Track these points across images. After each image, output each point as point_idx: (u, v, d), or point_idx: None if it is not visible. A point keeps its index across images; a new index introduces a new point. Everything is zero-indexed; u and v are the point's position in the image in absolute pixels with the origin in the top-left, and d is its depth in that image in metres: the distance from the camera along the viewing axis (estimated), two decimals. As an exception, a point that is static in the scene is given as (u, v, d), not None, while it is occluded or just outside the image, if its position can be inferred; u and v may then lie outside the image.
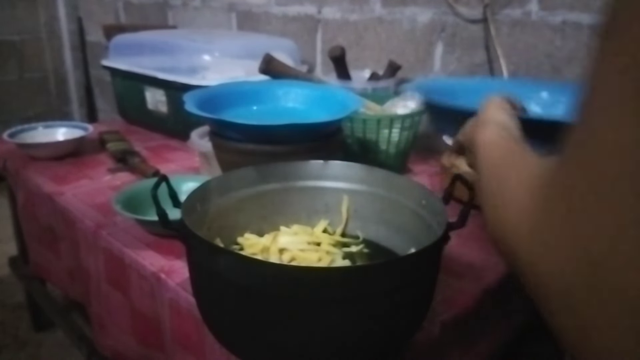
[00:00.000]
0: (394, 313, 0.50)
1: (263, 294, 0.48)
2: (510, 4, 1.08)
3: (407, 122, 0.99)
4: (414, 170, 1.11)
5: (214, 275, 0.52)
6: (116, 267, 0.78)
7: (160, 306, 0.70)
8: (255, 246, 0.68)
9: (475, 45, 1.15)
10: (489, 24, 1.10)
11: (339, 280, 0.47)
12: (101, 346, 0.89)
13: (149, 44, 1.35)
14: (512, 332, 0.83)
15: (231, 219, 0.68)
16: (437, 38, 1.21)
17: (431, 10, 1.21)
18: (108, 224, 0.82)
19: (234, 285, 0.50)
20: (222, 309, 0.54)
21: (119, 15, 2.22)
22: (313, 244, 0.69)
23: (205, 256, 0.52)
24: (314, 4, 1.45)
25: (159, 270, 0.70)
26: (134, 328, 0.78)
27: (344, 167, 0.72)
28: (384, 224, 0.71)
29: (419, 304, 0.54)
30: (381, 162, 1.00)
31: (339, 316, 0.48)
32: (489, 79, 1.13)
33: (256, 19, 1.63)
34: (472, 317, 0.67)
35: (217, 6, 1.75)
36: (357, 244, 0.71)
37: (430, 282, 0.54)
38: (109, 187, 0.97)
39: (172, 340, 0.69)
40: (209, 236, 0.61)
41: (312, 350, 0.50)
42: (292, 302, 0.48)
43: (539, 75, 1.07)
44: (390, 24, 1.29)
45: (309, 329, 0.49)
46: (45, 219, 0.98)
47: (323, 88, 0.95)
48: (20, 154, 1.13)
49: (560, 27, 1.02)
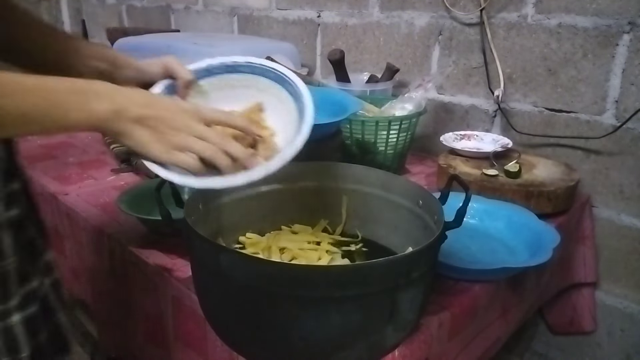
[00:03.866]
0: (392, 310, 0.52)
1: (264, 292, 0.49)
2: (506, 8, 1.09)
3: (405, 124, 1.00)
4: (411, 171, 1.12)
5: (216, 273, 0.53)
6: (120, 265, 0.79)
7: (163, 304, 0.71)
8: (257, 245, 0.69)
9: (471, 48, 1.16)
10: (485, 27, 1.12)
11: (338, 279, 0.48)
12: (104, 344, 0.91)
13: (152, 47, 1.36)
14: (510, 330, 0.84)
15: (233, 219, 0.69)
16: (434, 41, 1.23)
17: (428, 14, 1.22)
18: (112, 224, 0.84)
19: (236, 283, 0.51)
20: (224, 307, 0.55)
21: (122, 18, 2.23)
22: (313, 243, 0.70)
23: (207, 255, 0.53)
24: (314, 8, 1.46)
25: (162, 269, 0.71)
26: (137, 326, 0.79)
27: (343, 168, 0.73)
28: (383, 223, 0.72)
29: (417, 302, 0.55)
30: (379, 163, 1.01)
31: (338, 313, 0.49)
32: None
33: (257, 23, 1.64)
34: (470, 315, 0.68)
35: (219, 10, 1.77)
36: (356, 243, 0.73)
37: (428, 280, 0.56)
38: (113, 188, 0.99)
39: (174, 338, 0.71)
40: (211, 235, 0.62)
41: (312, 347, 0.51)
42: (292, 299, 0.49)
43: (534, 78, 1.09)
44: (388, 27, 1.31)
45: (309, 325, 0.50)
46: (50, 219, 1.00)
47: (322, 90, 0.96)
48: (24, 154, 1.14)
49: (556, 30, 1.04)
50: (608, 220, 1.05)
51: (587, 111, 1.03)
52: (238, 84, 0.66)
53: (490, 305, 0.73)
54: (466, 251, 0.75)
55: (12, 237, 0.53)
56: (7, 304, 0.52)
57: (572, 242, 1.00)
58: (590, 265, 1.04)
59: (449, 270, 0.68)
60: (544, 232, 0.76)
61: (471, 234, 0.80)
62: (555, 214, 0.89)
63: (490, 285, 0.71)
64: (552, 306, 1.11)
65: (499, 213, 0.83)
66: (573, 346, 1.16)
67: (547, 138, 1.09)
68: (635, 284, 1.05)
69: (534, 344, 1.22)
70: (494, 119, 1.17)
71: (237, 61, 0.66)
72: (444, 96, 1.25)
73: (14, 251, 0.54)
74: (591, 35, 0.99)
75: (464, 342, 0.69)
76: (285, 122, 0.61)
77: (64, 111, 0.47)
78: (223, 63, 0.66)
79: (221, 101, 0.65)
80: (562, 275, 1.02)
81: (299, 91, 0.61)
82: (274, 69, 0.64)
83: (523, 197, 0.87)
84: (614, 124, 0.99)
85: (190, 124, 0.52)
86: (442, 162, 1.00)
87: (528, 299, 0.86)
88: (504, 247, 0.78)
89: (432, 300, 0.61)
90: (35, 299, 0.56)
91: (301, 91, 0.61)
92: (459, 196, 0.55)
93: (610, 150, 1.02)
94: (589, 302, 1.09)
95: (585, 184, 1.05)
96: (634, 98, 0.97)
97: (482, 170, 0.95)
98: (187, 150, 0.51)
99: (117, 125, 0.49)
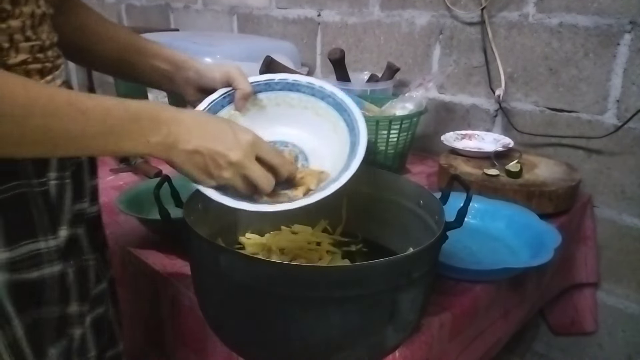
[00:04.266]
0: (392, 311, 0.51)
1: (264, 293, 0.49)
2: (507, 7, 1.09)
3: (405, 123, 1.00)
4: (412, 171, 1.12)
5: (215, 273, 0.53)
6: (119, 265, 0.79)
7: (163, 304, 0.71)
8: (257, 245, 0.69)
9: (472, 47, 1.16)
10: (486, 27, 1.11)
11: (338, 279, 0.48)
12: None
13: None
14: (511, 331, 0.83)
15: (233, 219, 0.69)
16: (435, 40, 1.22)
17: (429, 13, 1.22)
18: (111, 224, 0.83)
19: (236, 283, 0.51)
20: (223, 307, 0.55)
21: (122, 17, 2.23)
22: (313, 243, 0.70)
23: (207, 255, 0.53)
24: (314, 7, 1.46)
25: (161, 269, 0.71)
26: (136, 326, 0.79)
27: (343, 168, 0.73)
28: (383, 223, 0.72)
29: (418, 302, 0.55)
30: (380, 163, 1.01)
31: (338, 314, 0.49)
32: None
33: (257, 22, 1.64)
34: (471, 316, 0.68)
35: (219, 9, 1.76)
36: (357, 244, 0.72)
37: (429, 280, 0.55)
38: (112, 187, 0.99)
39: (174, 338, 0.70)
40: (211, 235, 0.62)
41: (312, 347, 0.51)
42: (292, 300, 0.49)
43: (536, 77, 1.08)
44: (388, 26, 1.30)
45: (309, 326, 0.50)
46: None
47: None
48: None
49: (557, 29, 1.03)
50: (609, 220, 1.04)
51: (588, 111, 1.03)
52: (297, 104, 0.65)
53: (491, 305, 0.72)
54: (467, 251, 0.75)
55: (90, 235, 0.54)
56: (82, 305, 0.52)
57: (573, 242, 1.00)
58: (591, 266, 1.04)
59: (450, 270, 0.67)
60: (545, 232, 0.76)
61: (472, 234, 0.79)
62: (556, 214, 0.89)
63: (491, 286, 0.71)
64: (553, 306, 1.11)
65: (500, 213, 0.82)
66: (574, 347, 1.16)
67: (548, 138, 1.09)
68: (637, 284, 1.04)
69: (535, 345, 1.22)
70: (495, 118, 1.17)
71: (299, 80, 0.65)
72: (445, 95, 1.24)
73: (93, 248, 0.55)
74: (592, 34, 0.99)
75: (464, 342, 0.69)
76: (334, 153, 0.61)
77: (118, 138, 0.45)
78: (284, 80, 0.65)
79: (277, 118, 0.64)
80: (563, 276, 1.01)
81: (356, 124, 0.60)
82: (334, 94, 0.63)
83: (524, 197, 0.87)
84: (616, 124, 0.99)
85: (243, 162, 0.51)
86: (443, 162, 1.00)
87: (529, 300, 0.85)
88: (505, 247, 0.78)
89: (432, 301, 0.61)
90: (102, 300, 0.57)
91: (358, 125, 0.60)
92: (460, 196, 0.55)
93: (611, 150, 1.01)
94: (590, 302, 1.08)
95: (587, 184, 1.04)
96: (635, 98, 0.97)
97: (483, 170, 0.95)
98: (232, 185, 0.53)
99: (168, 155, 0.49)
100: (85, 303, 0.53)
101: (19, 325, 0.47)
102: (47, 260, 0.48)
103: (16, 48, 0.43)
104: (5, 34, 0.42)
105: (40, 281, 0.47)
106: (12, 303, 0.46)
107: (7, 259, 0.45)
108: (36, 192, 0.46)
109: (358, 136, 0.59)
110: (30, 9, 0.45)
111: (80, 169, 0.54)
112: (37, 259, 0.47)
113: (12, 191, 0.44)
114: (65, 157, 0.50)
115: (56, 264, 0.48)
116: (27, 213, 0.46)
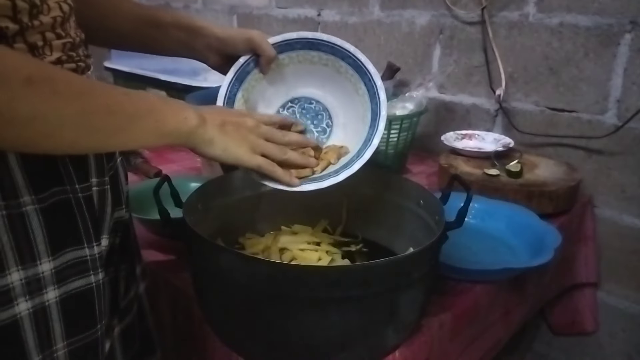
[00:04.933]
0: (392, 311, 0.51)
1: (264, 293, 0.49)
2: (508, 7, 1.09)
3: (406, 123, 1.00)
4: (412, 171, 1.12)
5: (215, 274, 0.53)
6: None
7: (163, 304, 0.71)
8: (256, 245, 0.69)
9: (473, 47, 1.16)
10: (487, 26, 1.11)
11: (338, 279, 0.47)
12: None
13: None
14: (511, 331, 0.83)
15: (232, 219, 0.69)
16: (435, 40, 1.22)
17: (429, 12, 1.22)
18: (111, 224, 0.83)
19: (235, 283, 0.51)
20: (223, 307, 0.55)
21: (121, 17, 2.23)
22: (313, 243, 0.70)
23: (206, 255, 0.53)
24: (314, 6, 1.46)
25: (161, 269, 0.70)
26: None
27: (343, 168, 0.73)
28: (383, 223, 0.71)
29: (418, 302, 0.54)
30: (380, 163, 1.01)
31: (338, 314, 0.49)
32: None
33: (257, 21, 1.64)
34: (471, 316, 0.68)
35: (218, 9, 1.76)
36: (357, 244, 0.72)
37: (429, 281, 0.55)
38: (111, 188, 0.98)
39: (174, 338, 0.70)
40: (211, 236, 0.62)
41: (312, 347, 0.51)
42: (292, 300, 0.49)
43: (536, 77, 1.08)
44: (389, 26, 1.30)
45: (309, 326, 0.50)
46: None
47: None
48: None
49: (557, 29, 1.03)
50: (610, 221, 1.04)
51: (588, 111, 1.03)
52: (318, 61, 0.65)
53: (491, 306, 0.72)
54: (467, 252, 0.75)
55: (122, 243, 0.54)
56: (112, 317, 0.52)
57: (573, 243, 1.00)
58: (591, 266, 1.04)
59: (450, 270, 0.67)
60: (546, 232, 0.75)
61: (472, 234, 0.79)
62: (556, 214, 0.89)
63: (492, 286, 0.71)
64: (554, 307, 1.11)
65: (500, 213, 0.82)
66: (574, 347, 1.16)
67: (548, 137, 1.09)
68: (637, 284, 1.04)
69: (536, 345, 1.22)
70: (495, 118, 1.17)
71: (318, 37, 0.65)
72: (445, 95, 1.24)
73: (125, 258, 0.54)
74: (593, 34, 0.99)
75: (465, 343, 0.69)
76: (358, 114, 0.63)
77: (162, 116, 0.46)
78: (304, 37, 0.65)
79: (300, 77, 0.66)
80: (564, 276, 1.01)
81: (377, 92, 0.62)
82: (354, 55, 0.63)
83: (524, 197, 0.86)
84: (616, 124, 0.99)
85: (259, 125, 0.56)
86: (443, 162, 1.00)
87: (529, 300, 0.85)
88: (505, 247, 0.78)
89: (433, 301, 0.61)
90: (130, 310, 0.56)
91: (379, 94, 0.61)
92: (460, 196, 0.55)
93: (612, 150, 1.01)
94: (591, 302, 1.08)
95: (587, 184, 1.04)
96: (635, 97, 0.96)
97: (484, 170, 0.95)
98: (262, 153, 0.55)
99: (205, 132, 0.50)
100: (115, 315, 0.52)
101: (63, 348, 0.44)
102: (93, 268, 0.46)
103: (50, 46, 0.42)
104: (37, 32, 0.41)
105: (89, 291, 0.45)
106: (63, 325, 0.44)
107: (52, 269, 0.43)
108: (79, 197, 0.45)
109: (379, 106, 0.61)
110: (57, 4, 0.43)
111: (117, 175, 0.53)
112: (81, 266, 0.45)
113: (56, 197, 0.43)
114: (111, 151, 0.51)
115: (99, 273, 0.46)
116: (72, 220, 0.44)
